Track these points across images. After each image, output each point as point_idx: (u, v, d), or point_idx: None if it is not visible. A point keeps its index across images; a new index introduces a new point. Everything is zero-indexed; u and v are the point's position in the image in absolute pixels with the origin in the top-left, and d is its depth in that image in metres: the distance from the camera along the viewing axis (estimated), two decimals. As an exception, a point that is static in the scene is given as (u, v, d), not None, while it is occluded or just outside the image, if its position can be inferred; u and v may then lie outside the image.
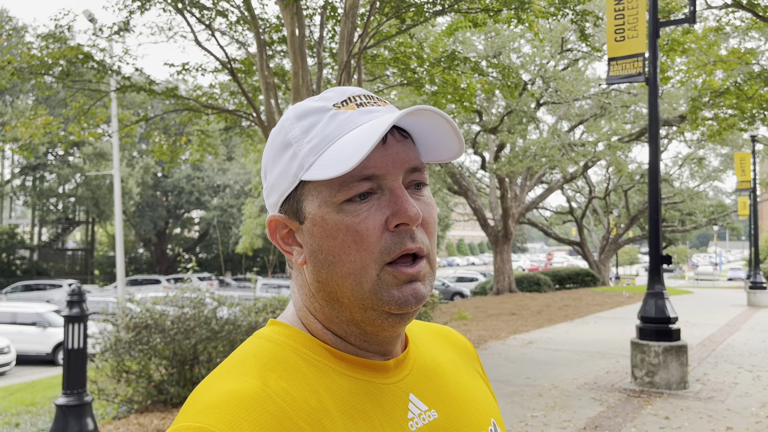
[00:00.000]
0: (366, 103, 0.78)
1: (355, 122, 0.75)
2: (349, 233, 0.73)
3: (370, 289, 0.74)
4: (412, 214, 0.73)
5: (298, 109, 0.79)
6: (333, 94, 0.79)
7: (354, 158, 0.69)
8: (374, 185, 0.74)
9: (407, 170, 0.76)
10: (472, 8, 9.19)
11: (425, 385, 0.83)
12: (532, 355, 9.66)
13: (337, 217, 0.73)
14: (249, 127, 13.40)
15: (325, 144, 0.74)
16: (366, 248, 0.73)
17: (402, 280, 0.74)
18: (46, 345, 15.76)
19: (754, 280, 18.77)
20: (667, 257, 7.51)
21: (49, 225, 42.63)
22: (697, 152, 29.62)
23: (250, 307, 8.44)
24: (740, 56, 12.90)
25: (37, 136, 10.25)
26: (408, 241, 0.74)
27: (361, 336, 0.79)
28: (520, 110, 18.51)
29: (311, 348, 0.78)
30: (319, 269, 0.76)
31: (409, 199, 0.74)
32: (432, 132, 0.78)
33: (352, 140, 0.72)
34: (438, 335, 0.97)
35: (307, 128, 0.76)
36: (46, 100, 31.56)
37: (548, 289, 24.71)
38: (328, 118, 0.76)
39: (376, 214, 0.73)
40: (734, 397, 6.83)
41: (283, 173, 0.77)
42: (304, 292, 0.81)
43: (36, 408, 8.41)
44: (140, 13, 9.15)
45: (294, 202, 0.77)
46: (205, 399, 0.69)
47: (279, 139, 0.79)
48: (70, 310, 5.42)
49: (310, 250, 0.77)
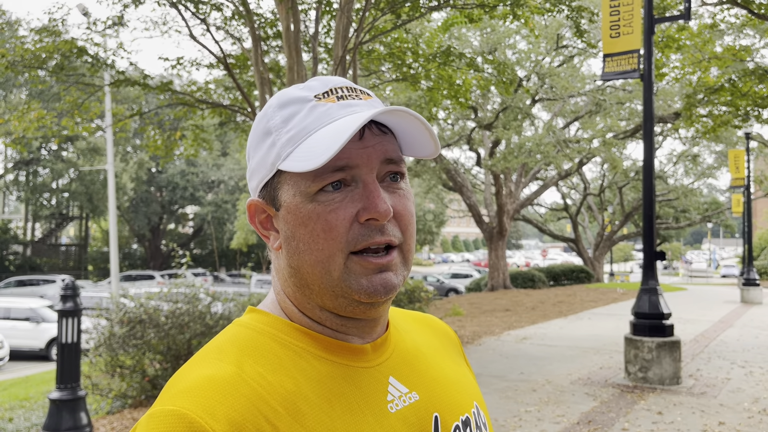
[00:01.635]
0: (347, 96, 0.78)
1: (333, 116, 0.76)
2: (319, 222, 0.74)
3: (338, 277, 0.75)
4: (381, 210, 0.73)
5: (281, 96, 0.80)
6: (316, 83, 0.79)
7: (325, 154, 0.70)
8: (347, 176, 0.75)
9: (382, 161, 0.76)
10: (468, 4, 9.18)
11: (406, 369, 0.84)
12: (527, 350, 9.68)
13: (310, 206, 0.75)
14: (244, 122, 13.36)
15: (303, 136, 0.75)
16: (334, 237, 0.74)
17: (371, 269, 0.75)
18: (40, 340, 15.72)
19: (748, 276, 18.86)
20: (661, 253, 7.54)
21: (43, 220, 42.46)
22: (692, 149, 29.72)
23: (245, 302, 8.43)
24: (735, 53, 12.92)
25: (30, 130, 10.19)
26: (377, 235, 0.74)
27: (336, 320, 0.79)
28: (516, 107, 18.52)
29: (288, 333, 0.79)
30: (291, 255, 0.78)
31: (380, 195, 0.74)
32: (409, 131, 0.79)
33: (327, 135, 0.73)
34: (419, 322, 0.98)
35: (287, 118, 0.77)
36: (39, 94, 31.38)
37: (542, 286, 24.78)
38: (308, 109, 0.77)
39: (348, 206, 0.74)
40: (727, 393, 6.87)
41: (263, 160, 0.79)
42: (280, 276, 0.82)
43: (29, 403, 8.39)
44: (134, 7, 9.10)
45: (271, 189, 0.79)
46: (181, 384, 0.70)
47: (261, 126, 0.80)
48: (64, 304, 5.41)
49: (285, 236, 0.78)
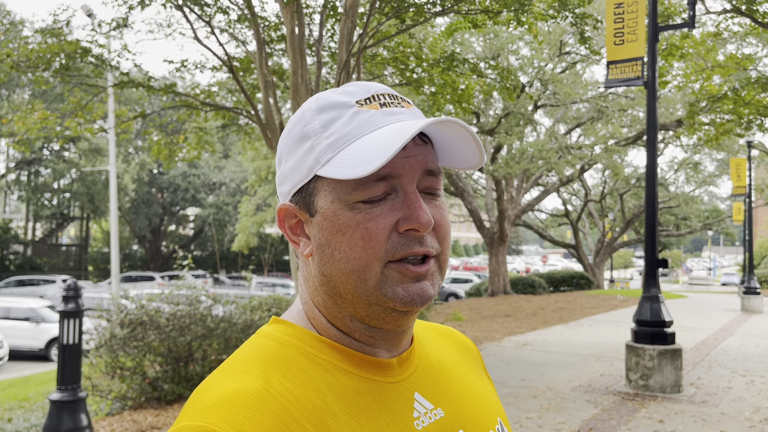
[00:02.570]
0: (389, 103, 0.77)
1: (377, 123, 0.74)
2: (358, 230, 0.72)
3: (374, 286, 0.73)
4: (423, 221, 0.72)
5: (320, 100, 0.78)
6: (356, 89, 0.78)
7: (374, 163, 0.69)
8: (389, 186, 0.73)
9: (423, 173, 0.76)
10: (472, 9, 9.20)
11: (430, 384, 0.83)
12: (527, 356, 9.67)
13: (349, 214, 0.73)
14: (247, 125, 13.38)
15: (345, 142, 0.74)
16: (373, 246, 0.72)
17: (408, 277, 0.73)
18: (39, 340, 15.70)
19: (748, 285, 18.83)
20: (663, 261, 7.53)
21: (44, 220, 42.47)
22: (693, 157, 29.72)
23: (245, 305, 8.42)
24: (738, 62, 12.94)
25: (34, 130, 10.20)
26: (415, 245, 0.73)
27: (365, 331, 0.78)
28: (518, 112, 18.53)
29: (315, 346, 0.77)
30: (324, 263, 0.76)
31: (422, 205, 0.73)
32: (453, 141, 0.77)
33: (373, 143, 0.71)
34: (441, 335, 0.96)
35: (327, 122, 0.75)
36: (42, 95, 31.45)
37: (543, 292, 24.76)
38: (350, 115, 0.75)
39: (388, 215, 0.73)
40: (728, 402, 6.85)
41: (298, 165, 0.77)
42: (309, 285, 0.81)
43: (29, 403, 8.37)
44: (140, 9, 9.12)
45: (306, 194, 0.77)
46: (208, 398, 0.69)
47: (297, 130, 0.78)
48: (66, 305, 5.40)
49: (318, 243, 0.76)
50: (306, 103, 0.80)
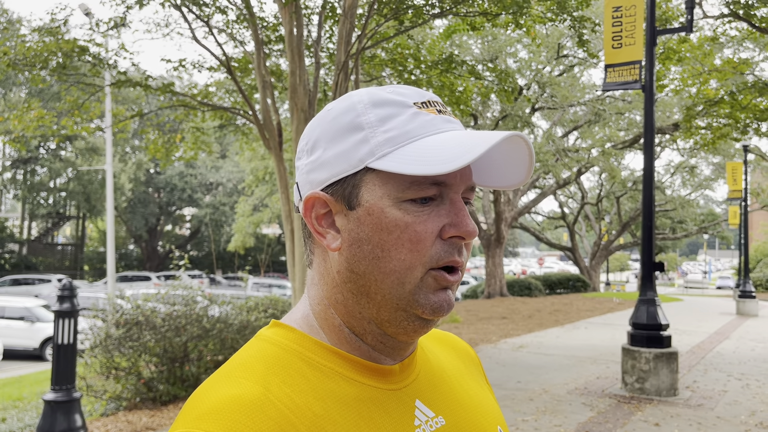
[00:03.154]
0: (444, 111, 0.78)
1: (439, 127, 0.75)
2: (407, 231, 0.72)
3: (410, 290, 0.73)
4: (470, 229, 0.73)
5: (373, 95, 0.77)
6: (410, 92, 0.77)
7: (454, 162, 0.68)
8: (437, 192, 0.74)
9: (467, 187, 0.77)
10: (471, 12, 9.20)
11: (432, 391, 0.82)
12: (523, 359, 9.67)
13: (398, 213, 0.72)
14: (244, 125, 13.36)
15: (406, 139, 0.73)
16: (419, 250, 0.72)
17: (442, 285, 0.74)
18: (34, 340, 15.64)
19: (744, 288, 18.88)
20: (660, 264, 7.54)
21: (39, 219, 42.36)
22: (690, 161, 29.80)
23: (242, 305, 8.40)
24: (735, 66, 12.98)
25: (30, 129, 10.16)
26: (456, 254, 0.74)
27: (378, 336, 0.77)
28: (515, 114, 18.56)
29: (316, 352, 0.76)
30: (359, 260, 0.74)
31: (468, 214, 0.75)
32: (504, 158, 0.79)
33: (446, 144, 0.71)
34: (442, 341, 0.96)
35: (385, 118, 0.74)
36: (39, 93, 31.37)
37: (539, 294, 24.78)
38: (410, 114, 0.75)
39: (435, 220, 0.73)
40: (723, 405, 6.86)
41: (345, 154, 0.75)
42: (326, 281, 0.78)
43: (23, 403, 8.33)
44: (138, 8, 9.10)
45: (350, 186, 0.75)
46: (205, 404, 0.67)
47: (347, 119, 0.76)
48: (61, 305, 5.37)
49: (354, 238, 0.74)
50: (355, 95, 0.78)
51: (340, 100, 0.79)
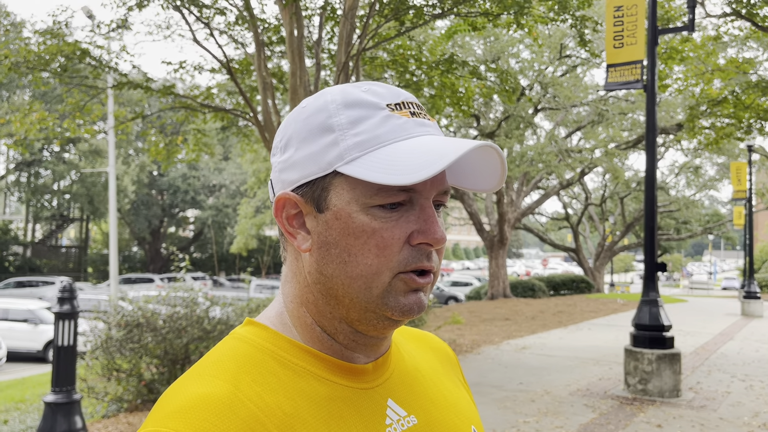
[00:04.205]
0: (418, 113, 0.76)
1: (410, 132, 0.73)
2: (373, 237, 0.71)
3: (378, 294, 0.73)
4: (438, 237, 0.72)
5: (347, 96, 0.75)
6: (384, 91, 0.76)
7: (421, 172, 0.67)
8: (407, 197, 0.72)
9: (439, 192, 0.75)
10: (472, 12, 9.18)
11: (405, 390, 0.82)
12: (526, 360, 9.63)
13: (365, 218, 0.71)
14: (246, 127, 13.37)
15: (375, 144, 0.72)
16: (386, 255, 0.71)
17: (411, 287, 0.73)
18: (37, 342, 15.68)
19: (749, 289, 18.79)
20: (663, 264, 7.50)
21: (43, 222, 42.48)
22: (694, 161, 29.71)
23: (243, 307, 8.39)
24: (738, 65, 12.92)
25: (32, 131, 10.18)
26: (424, 260, 0.73)
27: (350, 335, 0.77)
28: (518, 115, 18.52)
29: (288, 351, 0.76)
30: (327, 263, 0.74)
31: (437, 221, 0.73)
32: (476, 162, 0.78)
33: (415, 152, 0.70)
34: (418, 340, 0.96)
35: (356, 120, 0.73)
36: (42, 96, 31.47)
37: (543, 295, 24.72)
38: (382, 117, 0.73)
39: (403, 226, 0.72)
40: (727, 406, 6.82)
41: (315, 156, 0.73)
42: (298, 280, 0.78)
43: (25, 405, 8.34)
44: (139, 10, 9.12)
45: (318, 188, 0.74)
46: (174, 402, 0.67)
47: (318, 120, 0.74)
48: (61, 306, 5.38)
49: (323, 241, 0.74)
50: (328, 93, 0.76)
51: (314, 97, 0.77)
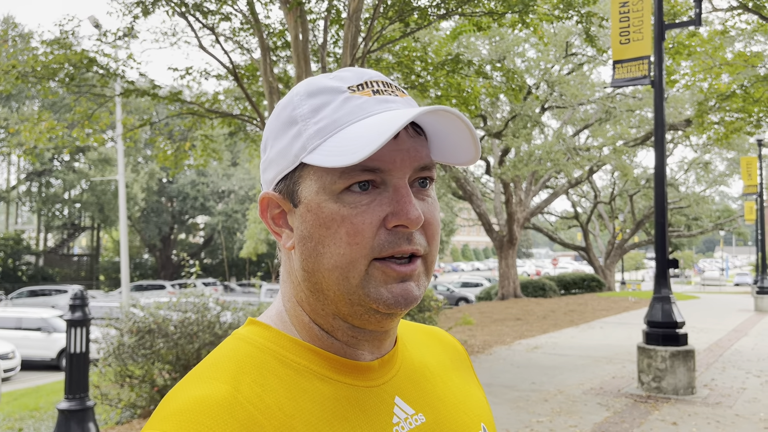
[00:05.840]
0: (383, 90, 0.73)
1: (369, 110, 0.70)
2: (343, 225, 0.69)
3: (357, 284, 0.70)
4: (413, 217, 0.68)
5: (310, 85, 0.74)
6: (350, 74, 0.74)
7: (362, 151, 0.65)
8: (377, 178, 0.70)
9: (416, 168, 0.72)
10: (476, 12, 9.17)
11: (412, 388, 0.79)
12: (538, 360, 9.59)
13: (334, 206, 0.69)
14: (253, 132, 13.41)
15: (334, 129, 0.70)
16: (358, 243, 0.68)
17: (392, 277, 0.69)
18: (51, 350, 15.77)
19: (762, 285, 18.64)
20: (674, 261, 7.44)
21: (55, 231, 42.78)
22: (703, 156, 29.50)
23: (254, 311, 8.40)
24: (746, 59, 12.83)
25: (41, 140, 10.26)
26: (404, 243, 0.70)
27: (348, 330, 0.75)
28: (525, 114, 18.47)
29: (291, 350, 0.74)
30: (306, 257, 0.72)
31: (412, 201, 0.69)
32: (448, 133, 0.73)
33: (363, 130, 0.67)
34: (427, 336, 0.93)
35: (317, 108, 0.71)
36: (51, 106, 31.72)
37: (553, 295, 24.61)
38: (341, 101, 0.71)
39: (376, 209, 0.69)
40: (742, 403, 6.75)
41: (284, 151, 0.73)
42: (291, 280, 0.77)
43: (39, 413, 8.39)
44: (144, 18, 9.17)
45: (291, 183, 0.73)
46: (172, 404, 0.66)
47: (285, 114, 0.74)
48: (73, 314, 5.41)
49: (301, 236, 0.72)
50: (296, 86, 0.76)
51: (286, 95, 0.77)
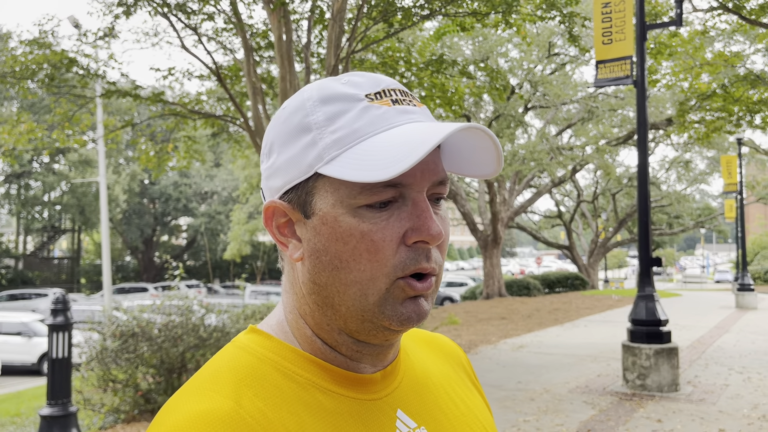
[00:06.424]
0: (402, 100, 0.71)
1: (391, 121, 0.68)
2: (363, 241, 0.66)
3: (375, 302, 0.68)
4: (434, 233, 0.67)
5: (323, 90, 0.70)
6: (364, 81, 0.71)
7: (394, 167, 0.62)
8: (397, 193, 0.67)
9: (434, 183, 0.70)
10: (460, 12, 9.18)
11: (414, 400, 0.78)
12: (524, 359, 9.62)
13: (353, 220, 0.67)
14: (237, 132, 13.32)
15: (354, 139, 0.67)
16: (379, 260, 0.67)
17: (409, 294, 0.68)
18: (32, 355, 15.56)
19: (742, 282, 18.87)
20: (657, 259, 7.51)
21: (35, 233, 42.22)
22: (684, 155, 29.83)
23: (239, 314, 8.35)
24: (726, 59, 12.99)
25: (21, 142, 10.11)
26: (423, 260, 0.68)
27: (352, 345, 0.73)
28: (509, 114, 18.55)
29: (294, 361, 0.72)
30: (319, 271, 0.69)
31: (432, 216, 0.68)
32: (471, 148, 0.72)
33: (388, 143, 0.65)
34: (428, 343, 0.91)
35: (333, 116, 0.68)
36: (30, 107, 31.29)
37: (538, 293, 24.74)
38: (360, 110, 0.68)
39: (395, 225, 0.67)
40: (726, 399, 6.82)
41: (296, 159, 0.69)
42: (294, 291, 0.74)
43: (21, 419, 8.26)
44: (125, 18, 9.07)
45: (303, 193, 0.70)
46: (172, 419, 0.63)
47: (296, 120, 0.70)
48: (54, 318, 5.33)
49: (313, 248, 0.70)
50: (306, 90, 0.72)
51: (294, 97, 0.73)
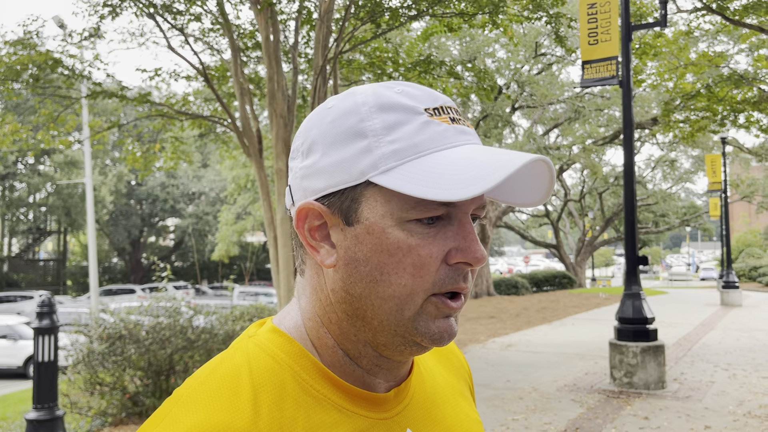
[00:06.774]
0: (458, 119, 0.70)
1: (452, 141, 0.67)
2: (409, 255, 0.66)
3: (410, 317, 0.67)
4: (479, 256, 0.67)
5: (380, 97, 0.68)
6: (421, 94, 0.70)
7: (469, 189, 0.61)
8: (446, 212, 0.67)
9: (479, 206, 0.70)
10: (447, 12, 9.20)
11: (424, 417, 0.78)
12: (512, 358, 9.67)
13: (401, 234, 0.66)
14: (224, 133, 13.27)
15: (413, 153, 0.66)
16: (423, 275, 0.66)
17: (443, 313, 0.68)
18: (17, 358, 15.40)
19: (727, 279, 19.06)
20: (644, 258, 7.57)
21: (20, 235, 41.80)
22: (669, 154, 30.10)
23: (227, 315, 8.32)
24: (710, 59, 13.12)
25: (5, 143, 10.01)
26: (461, 280, 0.68)
27: (374, 359, 0.72)
28: (496, 114, 18.63)
29: (311, 372, 0.70)
30: (355, 281, 0.68)
31: (477, 238, 0.68)
32: (523, 174, 0.72)
33: (454, 163, 0.64)
34: (437, 352, 0.91)
35: (391, 126, 0.67)
36: (15, 108, 30.97)
37: (526, 292, 24.87)
38: (420, 123, 0.67)
39: (440, 243, 0.67)
40: (711, 396, 6.90)
41: (345, 163, 0.67)
42: (318, 298, 0.72)
43: (6, 423, 8.19)
44: (111, 18, 9.00)
45: (348, 199, 0.67)
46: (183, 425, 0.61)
47: (348, 123, 0.68)
48: (40, 321, 5.29)
49: (351, 257, 0.68)
50: (358, 93, 0.70)
51: (342, 98, 0.71)
